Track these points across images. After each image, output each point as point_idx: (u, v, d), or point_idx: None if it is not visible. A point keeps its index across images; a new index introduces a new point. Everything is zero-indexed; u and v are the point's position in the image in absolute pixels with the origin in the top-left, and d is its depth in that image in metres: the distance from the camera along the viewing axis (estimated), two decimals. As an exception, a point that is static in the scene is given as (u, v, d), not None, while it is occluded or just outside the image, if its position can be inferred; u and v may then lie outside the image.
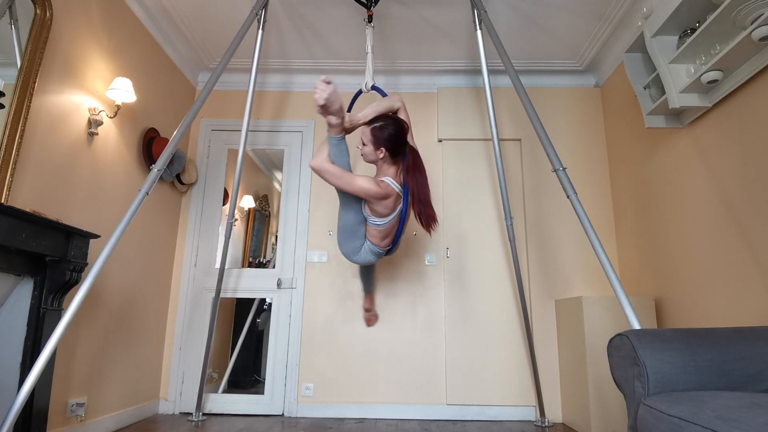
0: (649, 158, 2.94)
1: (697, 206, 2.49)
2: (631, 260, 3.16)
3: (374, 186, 2.10)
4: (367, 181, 2.10)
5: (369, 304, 3.23)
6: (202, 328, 3.31)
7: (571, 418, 2.94)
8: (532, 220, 3.43)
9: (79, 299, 1.64)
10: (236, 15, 3.04)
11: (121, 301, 2.78)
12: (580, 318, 2.78)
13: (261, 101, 3.72)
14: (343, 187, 2.13)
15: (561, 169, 1.95)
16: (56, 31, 2.23)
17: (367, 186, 2.09)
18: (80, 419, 2.42)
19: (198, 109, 2.16)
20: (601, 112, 3.60)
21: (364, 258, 2.35)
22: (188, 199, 3.56)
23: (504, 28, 3.13)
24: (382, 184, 2.12)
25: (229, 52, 2.37)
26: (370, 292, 3.14)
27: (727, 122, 2.26)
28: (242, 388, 3.78)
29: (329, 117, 2.07)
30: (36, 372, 1.52)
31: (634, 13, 2.86)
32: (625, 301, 1.65)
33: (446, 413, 3.15)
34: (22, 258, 1.92)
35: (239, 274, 3.45)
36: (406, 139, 2.20)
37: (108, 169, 2.66)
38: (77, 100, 2.40)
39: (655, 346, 1.29)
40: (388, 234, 2.27)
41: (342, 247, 2.35)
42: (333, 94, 2.01)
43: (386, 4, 2.93)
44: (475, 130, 3.58)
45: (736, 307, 2.19)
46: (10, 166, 1.95)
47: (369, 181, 2.10)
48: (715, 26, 2.08)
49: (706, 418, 1.02)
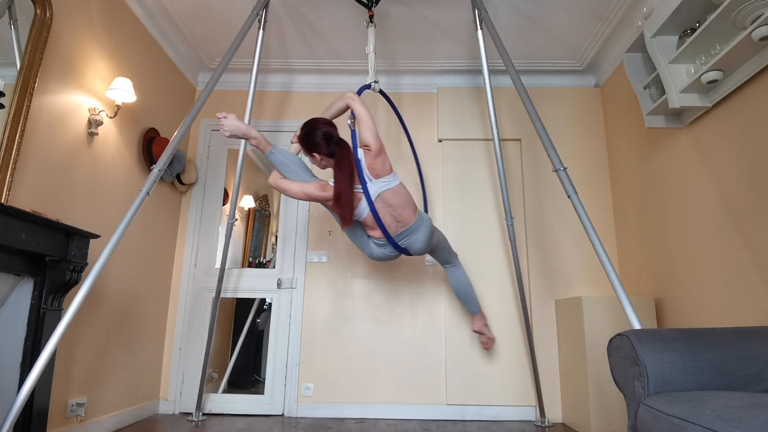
0: (649, 158, 2.94)
1: (697, 206, 2.49)
2: (631, 260, 3.16)
3: (318, 191, 2.20)
4: (313, 186, 2.21)
5: (479, 325, 2.95)
6: (202, 328, 3.31)
7: (571, 418, 2.94)
8: (533, 220, 3.42)
9: (79, 299, 1.64)
10: (236, 15, 3.04)
11: (121, 301, 2.78)
12: (580, 318, 2.78)
13: (262, 101, 3.72)
14: (295, 197, 2.27)
15: (561, 169, 1.95)
16: (56, 31, 2.23)
17: (310, 191, 2.21)
18: (80, 419, 2.42)
19: (199, 110, 2.16)
20: (601, 112, 3.60)
21: (376, 252, 2.45)
22: (188, 199, 3.56)
23: (504, 28, 3.13)
24: (327, 187, 2.20)
25: (230, 52, 2.37)
26: (474, 312, 2.92)
27: (727, 122, 2.26)
28: (242, 388, 3.78)
29: (247, 140, 2.26)
30: (36, 372, 1.52)
31: (634, 13, 2.86)
32: (626, 301, 1.65)
33: (446, 413, 3.15)
34: (22, 258, 1.92)
35: (239, 274, 3.45)
36: (320, 138, 2.19)
37: (108, 169, 2.66)
38: (77, 100, 2.40)
39: (655, 346, 1.29)
40: (372, 226, 2.34)
41: (355, 243, 2.51)
42: (231, 124, 2.21)
43: (387, 4, 2.93)
44: (475, 130, 3.58)
45: (736, 307, 2.19)
46: (10, 166, 1.95)
47: (314, 186, 2.21)
48: (715, 26, 2.08)
49: (706, 418, 1.02)
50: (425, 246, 2.46)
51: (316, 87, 3.74)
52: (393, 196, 2.30)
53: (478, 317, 2.94)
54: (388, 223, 2.32)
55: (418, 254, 2.51)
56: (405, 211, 2.34)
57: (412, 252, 2.47)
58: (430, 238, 2.47)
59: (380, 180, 2.28)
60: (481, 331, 2.94)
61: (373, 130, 2.28)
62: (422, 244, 2.43)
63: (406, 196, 2.36)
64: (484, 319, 2.97)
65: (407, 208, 2.35)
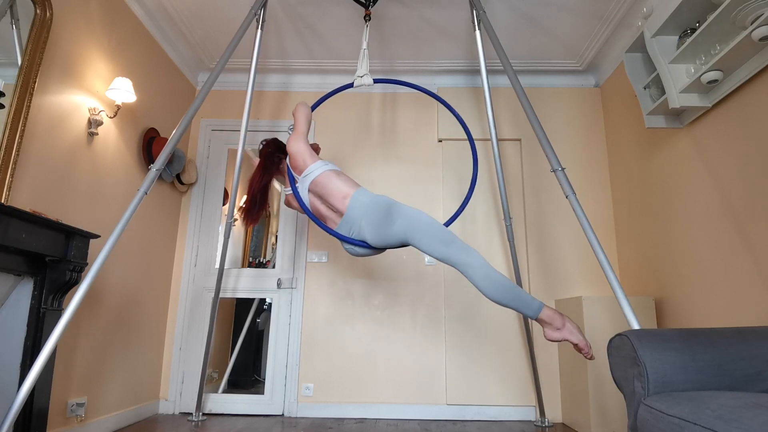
0: (649, 158, 2.94)
1: (697, 206, 2.49)
2: (631, 260, 3.16)
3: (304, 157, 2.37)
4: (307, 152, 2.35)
5: (550, 331, 1.84)
6: (202, 328, 3.31)
7: (571, 418, 2.94)
8: (532, 220, 3.42)
9: (78, 299, 1.64)
10: (236, 15, 3.04)
11: (121, 301, 2.78)
12: (580, 318, 2.78)
13: (260, 101, 3.72)
14: (297, 150, 2.39)
15: (560, 170, 1.95)
16: (56, 31, 2.22)
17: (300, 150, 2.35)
18: (80, 419, 2.42)
19: (197, 109, 2.16)
20: (601, 112, 3.60)
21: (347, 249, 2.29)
22: (188, 199, 3.56)
23: (503, 28, 3.13)
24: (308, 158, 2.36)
25: (228, 52, 2.37)
26: (531, 314, 1.85)
27: (727, 122, 2.26)
28: (242, 388, 3.78)
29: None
30: (36, 372, 1.52)
31: (634, 13, 2.86)
32: (625, 302, 1.65)
33: (446, 413, 3.15)
34: (22, 258, 1.92)
35: (239, 274, 3.45)
36: (264, 155, 2.45)
37: (108, 169, 2.66)
38: (77, 100, 2.40)
39: (655, 346, 1.29)
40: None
41: None
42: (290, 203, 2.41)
43: (385, 3, 2.93)
44: (474, 130, 3.57)
45: (736, 307, 2.19)
46: (10, 166, 1.95)
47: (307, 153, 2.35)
48: (715, 26, 2.08)
49: (706, 418, 1.02)
50: (378, 233, 2.04)
51: (314, 87, 3.74)
52: (317, 187, 2.19)
53: (543, 317, 1.81)
54: (325, 216, 2.22)
55: (382, 245, 2.09)
56: (333, 199, 2.15)
57: (372, 244, 2.09)
58: (381, 223, 2.03)
59: (303, 176, 2.23)
60: (563, 338, 1.81)
61: (298, 125, 2.35)
62: (373, 232, 2.05)
63: (332, 182, 2.15)
64: (558, 318, 1.81)
65: (334, 195, 2.14)
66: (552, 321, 1.81)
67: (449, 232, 1.98)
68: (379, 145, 3.61)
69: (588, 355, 1.77)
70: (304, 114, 2.35)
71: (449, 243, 1.94)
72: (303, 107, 2.38)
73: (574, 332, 1.79)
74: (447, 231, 1.98)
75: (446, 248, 1.94)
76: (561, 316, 1.81)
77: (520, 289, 1.87)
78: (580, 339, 1.78)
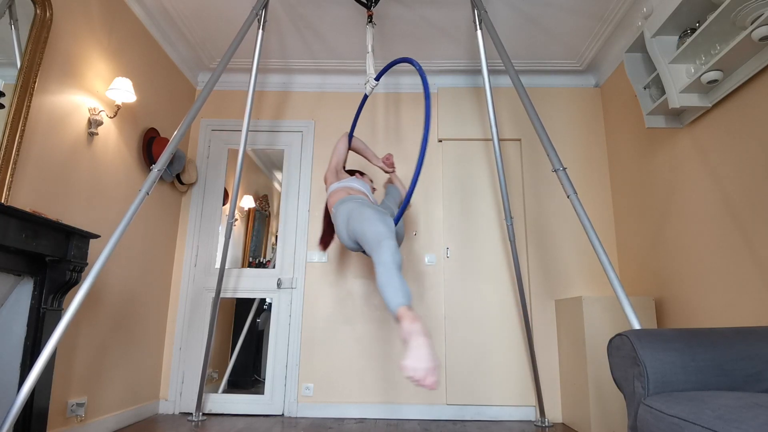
0: (649, 158, 2.94)
1: (697, 206, 2.49)
2: (631, 260, 3.16)
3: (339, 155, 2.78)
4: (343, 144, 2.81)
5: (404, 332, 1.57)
6: (202, 328, 3.31)
7: (571, 418, 2.94)
8: (532, 220, 3.42)
9: (79, 299, 1.64)
10: (236, 15, 3.04)
11: (121, 301, 2.78)
12: (580, 318, 2.78)
13: (261, 101, 3.72)
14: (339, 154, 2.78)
15: (561, 169, 1.95)
16: (56, 31, 2.22)
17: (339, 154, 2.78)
18: (80, 419, 2.42)
19: (198, 109, 2.16)
20: (601, 112, 3.60)
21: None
22: (188, 199, 3.56)
23: (504, 28, 3.13)
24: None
25: (230, 52, 2.37)
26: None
27: (727, 122, 2.26)
28: (242, 388, 3.78)
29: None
30: (36, 372, 1.52)
31: (634, 13, 2.86)
32: (625, 301, 1.65)
33: (446, 413, 3.15)
34: (22, 258, 1.92)
35: (239, 274, 3.45)
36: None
37: (108, 169, 2.66)
38: (77, 100, 2.40)
39: (655, 346, 1.29)
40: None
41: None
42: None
43: (386, 4, 2.93)
44: (475, 130, 3.58)
45: (736, 307, 2.19)
46: (10, 166, 1.95)
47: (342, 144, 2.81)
48: (715, 26, 2.08)
49: (706, 418, 1.02)
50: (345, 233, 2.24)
51: (315, 87, 3.74)
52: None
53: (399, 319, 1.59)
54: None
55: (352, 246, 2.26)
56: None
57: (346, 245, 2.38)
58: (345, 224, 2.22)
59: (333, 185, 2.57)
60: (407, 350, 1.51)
61: (330, 160, 2.73)
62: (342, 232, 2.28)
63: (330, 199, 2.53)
64: (408, 332, 1.52)
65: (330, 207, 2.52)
66: (403, 330, 1.53)
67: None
68: (380, 145, 3.61)
69: (420, 384, 1.41)
70: (335, 149, 2.75)
71: (374, 248, 1.86)
72: (338, 143, 2.76)
73: (412, 356, 1.43)
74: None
75: (370, 250, 1.91)
76: (414, 333, 1.49)
77: (397, 284, 1.65)
78: (407, 365, 1.43)
